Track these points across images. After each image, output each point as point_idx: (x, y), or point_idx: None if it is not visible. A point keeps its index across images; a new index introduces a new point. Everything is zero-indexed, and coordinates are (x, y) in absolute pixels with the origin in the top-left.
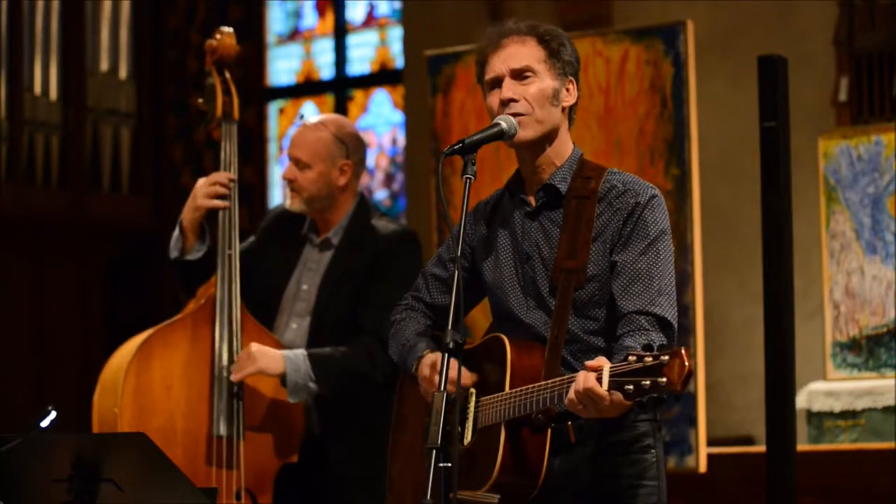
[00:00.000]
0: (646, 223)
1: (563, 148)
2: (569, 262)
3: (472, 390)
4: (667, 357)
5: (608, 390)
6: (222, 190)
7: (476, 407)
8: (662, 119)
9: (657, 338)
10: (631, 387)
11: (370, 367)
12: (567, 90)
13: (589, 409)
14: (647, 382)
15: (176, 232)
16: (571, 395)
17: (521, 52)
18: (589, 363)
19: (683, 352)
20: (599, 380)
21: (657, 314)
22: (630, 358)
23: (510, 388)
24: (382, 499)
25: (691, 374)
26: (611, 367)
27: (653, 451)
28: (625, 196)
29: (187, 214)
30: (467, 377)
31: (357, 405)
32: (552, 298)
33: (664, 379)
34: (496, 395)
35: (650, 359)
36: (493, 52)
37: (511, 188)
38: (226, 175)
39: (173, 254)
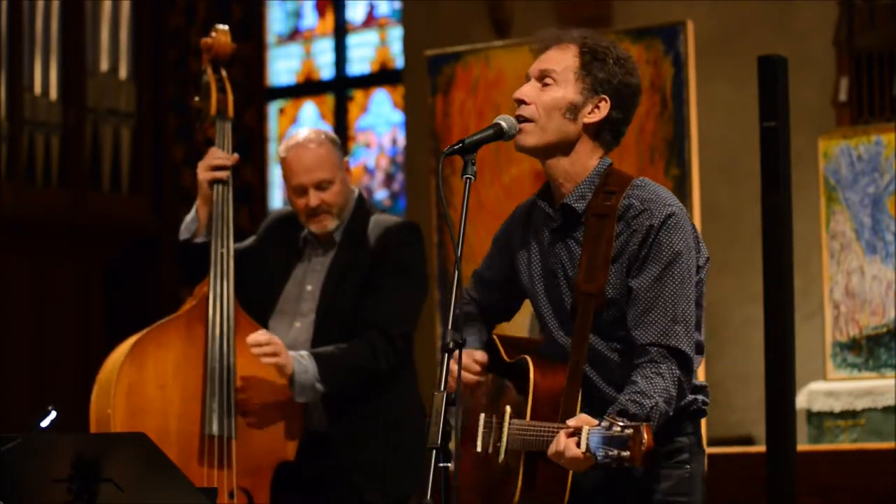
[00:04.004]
0: (660, 246)
1: (585, 162)
2: (588, 285)
3: (508, 408)
4: (631, 431)
5: (584, 452)
6: (219, 162)
7: (509, 427)
8: (662, 119)
9: (667, 370)
10: (601, 454)
11: (372, 359)
12: (597, 107)
13: (568, 466)
14: (614, 453)
15: (191, 214)
16: (551, 450)
17: (553, 57)
18: (570, 421)
19: (644, 429)
20: (579, 442)
21: (670, 345)
22: (603, 424)
23: (531, 412)
24: (386, 481)
25: (652, 450)
26: (589, 431)
27: (687, 466)
28: (641, 217)
29: (198, 193)
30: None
31: (358, 391)
32: (574, 320)
33: (627, 453)
34: (519, 421)
35: (618, 429)
36: (538, 54)
37: (540, 197)
38: (224, 153)
39: (183, 235)
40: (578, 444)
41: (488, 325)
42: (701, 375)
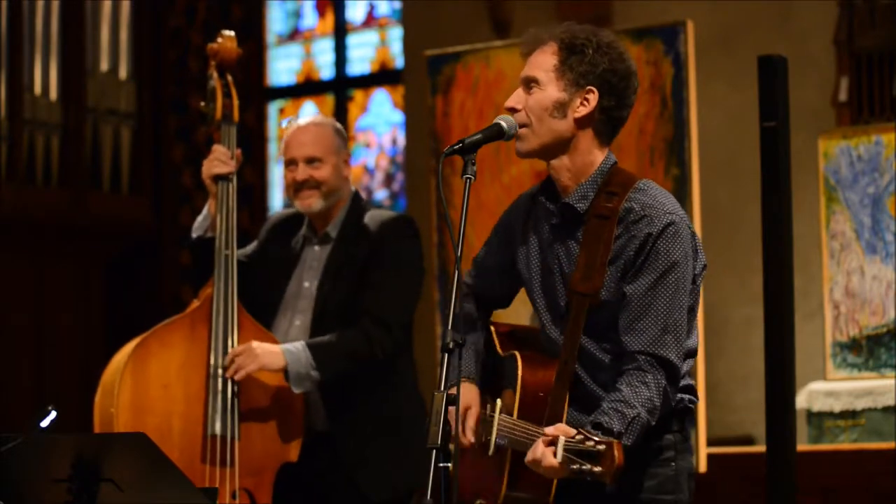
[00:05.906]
0: (657, 254)
1: (586, 159)
2: (583, 285)
3: (498, 401)
4: (603, 447)
5: (560, 463)
6: (217, 160)
7: (498, 422)
8: (662, 119)
9: (653, 380)
10: (576, 466)
11: (367, 346)
12: (585, 100)
13: (545, 474)
14: (587, 467)
15: (203, 213)
16: (528, 458)
17: (535, 61)
18: (548, 430)
19: (616, 446)
20: (556, 452)
21: (658, 354)
22: (577, 436)
23: (519, 410)
24: (388, 479)
25: (621, 468)
26: (565, 441)
27: (672, 464)
28: (640, 223)
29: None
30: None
31: (358, 389)
32: (568, 319)
33: (598, 469)
34: (507, 418)
35: (591, 443)
36: (526, 58)
37: (542, 191)
38: (224, 150)
39: (196, 233)
40: (555, 455)
41: (486, 312)
42: (700, 376)
